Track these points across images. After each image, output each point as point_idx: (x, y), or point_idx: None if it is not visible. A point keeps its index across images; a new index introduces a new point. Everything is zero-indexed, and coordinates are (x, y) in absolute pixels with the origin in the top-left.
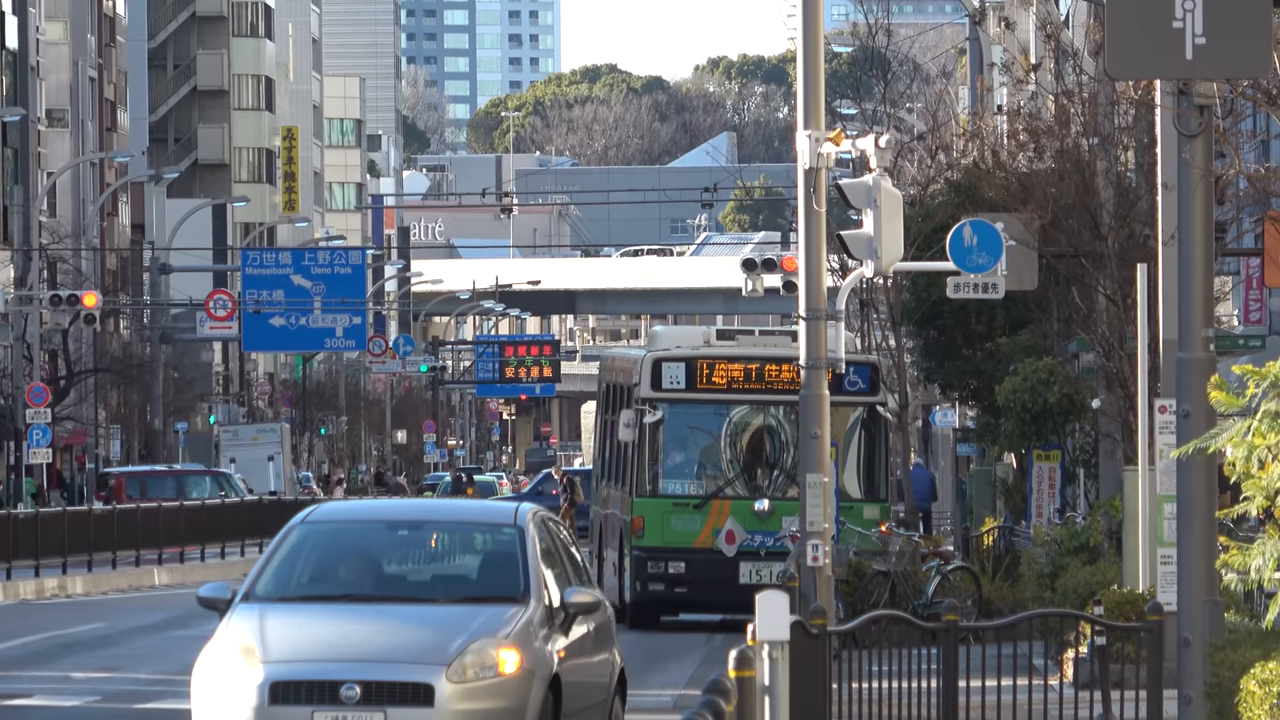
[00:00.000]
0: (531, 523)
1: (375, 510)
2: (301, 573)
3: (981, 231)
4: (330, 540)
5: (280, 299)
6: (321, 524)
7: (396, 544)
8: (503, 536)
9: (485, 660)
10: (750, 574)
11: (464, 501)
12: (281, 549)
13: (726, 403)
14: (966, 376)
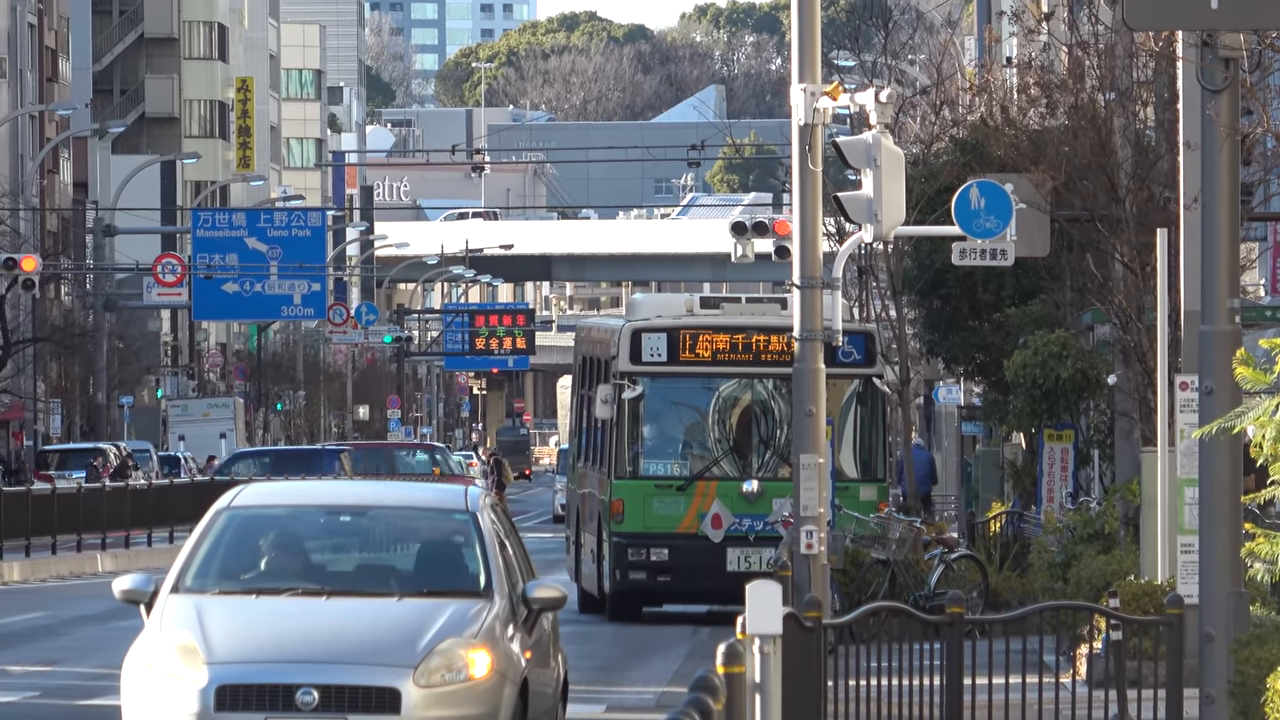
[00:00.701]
0: (484, 508)
1: (310, 494)
2: (236, 563)
3: (989, 193)
4: (264, 527)
5: (233, 263)
6: (251, 510)
7: (339, 532)
8: (455, 524)
9: (454, 662)
10: (739, 561)
11: (407, 484)
12: (209, 536)
13: (712, 376)
14: (972, 350)
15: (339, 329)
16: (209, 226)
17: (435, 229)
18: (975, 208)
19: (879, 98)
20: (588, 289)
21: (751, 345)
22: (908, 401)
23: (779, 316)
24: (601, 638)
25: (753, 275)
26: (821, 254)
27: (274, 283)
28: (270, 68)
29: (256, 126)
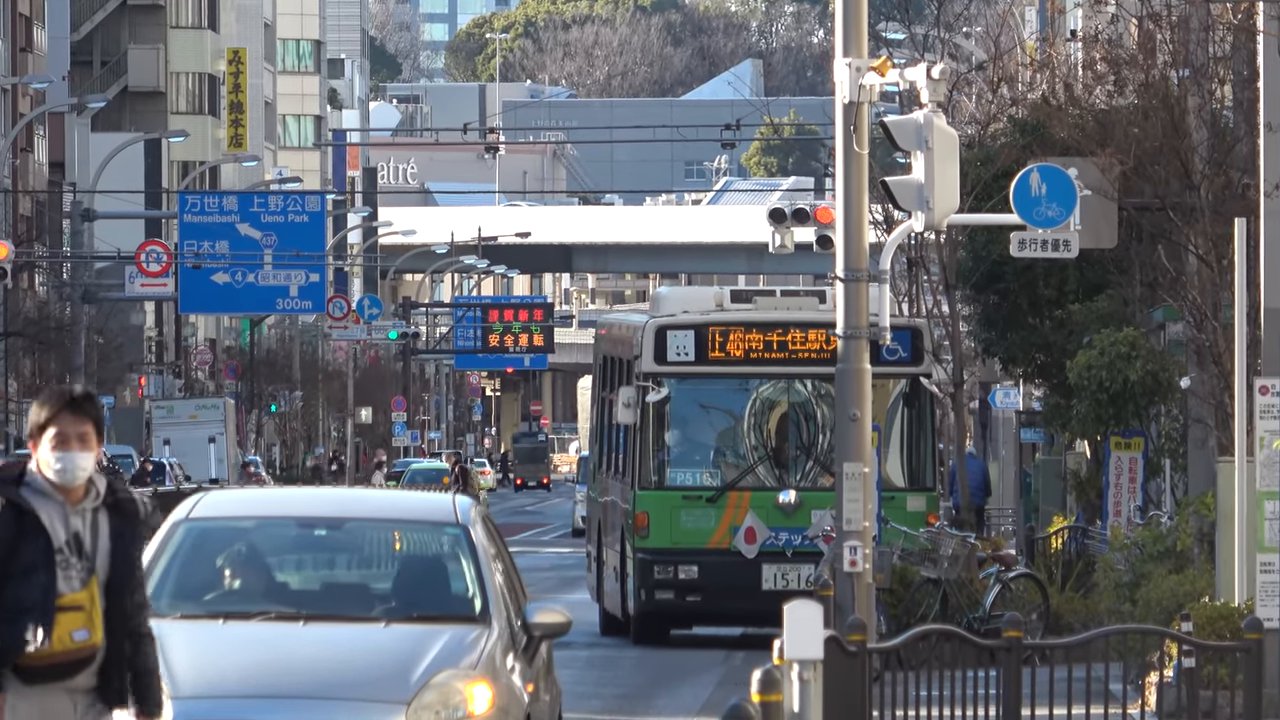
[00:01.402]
0: (476, 520)
1: (278, 503)
2: (197, 582)
3: (1051, 179)
4: (228, 542)
5: (224, 252)
6: (213, 522)
7: (314, 547)
8: (445, 538)
9: (451, 697)
10: (775, 579)
11: (388, 493)
12: (165, 552)
13: (744, 376)
14: (1032, 349)
15: (339, 324)
16: (197, 211)
17: (445, 215)
18: (1036, 194)
19: (931, 74)
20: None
21: (788, 343)
22: (961, 406)
23: (818, 311)
24: (625, 663)
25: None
26: (867, 244)
27: (268, 273)
28: (265, 38)
29: (249, 102)
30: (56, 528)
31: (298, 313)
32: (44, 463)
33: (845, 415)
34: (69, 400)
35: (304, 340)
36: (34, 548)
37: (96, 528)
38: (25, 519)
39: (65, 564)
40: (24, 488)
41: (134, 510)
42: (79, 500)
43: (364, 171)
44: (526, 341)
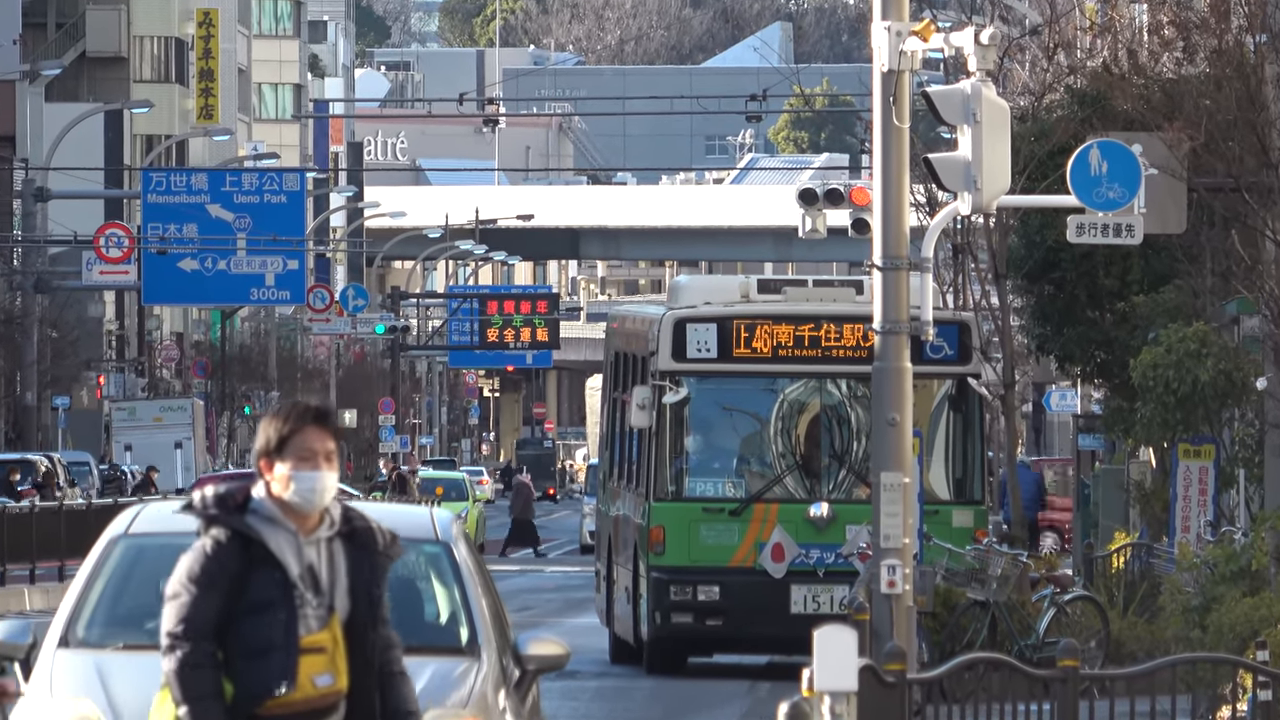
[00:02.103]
0: (459, 537)
1: None
2: (140, 607)
3: (1113, 156)
4: (173, 560)
5: (193, 235)
6: (155, 538)
7: None
8: (423, 558)
9: None
10: (805, 602)
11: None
12: (103, 573)
13: (772, 375)
14: (1091, 347)
15: (320, 316)
16: (163, 190)
17: (438, 195)
18: (1096, 173)
19: (979, 39)
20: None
21: (820, 338)
22: (1012, 409)
23: (854, 303)
24: (638, 694)
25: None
26: (908, 229)
27: (242, 259)
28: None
29: (221, 69)
30: (289, 560)
31: (274, 304)
32: (282, 484)
33: (883, 419)
34: (313, 414)
35: (281, 335)
36: (268, 581)
37: (333, 560)
38: (253, 549)
39: (300, 600)
40: (250, 515)
41: (372, 540)
42: (312, 529)
43: (348, 147)
44: (529, 336)
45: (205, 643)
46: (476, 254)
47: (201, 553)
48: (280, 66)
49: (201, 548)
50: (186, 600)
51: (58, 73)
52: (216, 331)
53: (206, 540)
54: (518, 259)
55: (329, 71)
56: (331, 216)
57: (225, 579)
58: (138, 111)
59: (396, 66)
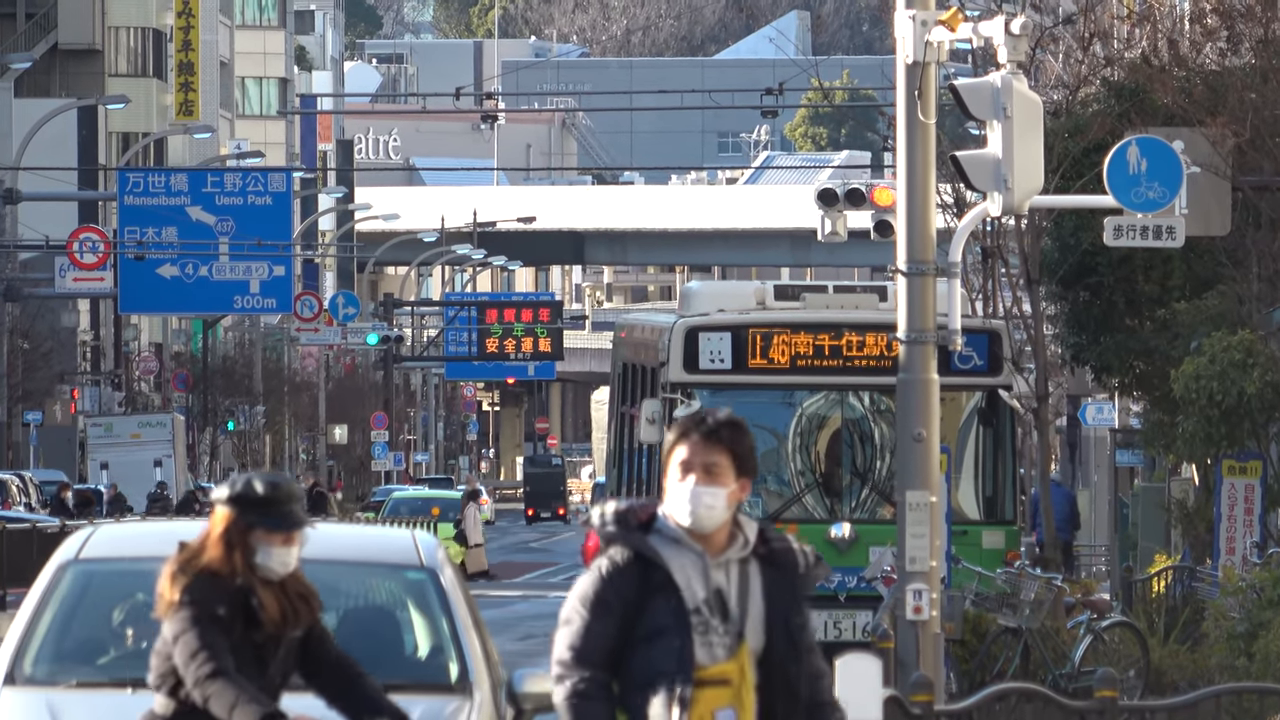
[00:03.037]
0: (444, 564)
1: None
2: (96, 641)
3: (1153, 153)
4: (129, 589)
5: (172, 240)
6: (108, 564)
7: None
8: (408, 585)
9: None
10: (826, 628)
11: (335, 529)
12: (53, 602)
13: (789, 388)
14: (1130, 356)
15: (309, 326)
16: (140, 192)
17: (434, 196)
18: (1134, 172)
19: (1010, 28)
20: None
21: (841, 348)
22: (1046, 423)
23: (877, 310)
24: None
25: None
26: (934, 231)
27: (224, 265)
28: None
29: (202, 62)
30: (693, 584)
31: (259, 312)
32: (672, 501)
33: (908, 434)
34: (699, 423)
35: (267, 345)
36: (665, 608)
37: (745, 584)
38: (654, 573)
39: (704, 627)
40: (653, 535)
41: (793, 562)
42: (721, 550)
43: (338, 145)
44: (530, 347)
45: (597, 672)
46: (474, 259)
47: (597, 574)
48: (265, 59)
49: (598, 569)
50: (578, 626)
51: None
52: (198, 342)
53: (603, 561)
54: (518, 264)
55: (317, 64)
56: (320, 219)
57: (620, 604)
58: (113, 107)
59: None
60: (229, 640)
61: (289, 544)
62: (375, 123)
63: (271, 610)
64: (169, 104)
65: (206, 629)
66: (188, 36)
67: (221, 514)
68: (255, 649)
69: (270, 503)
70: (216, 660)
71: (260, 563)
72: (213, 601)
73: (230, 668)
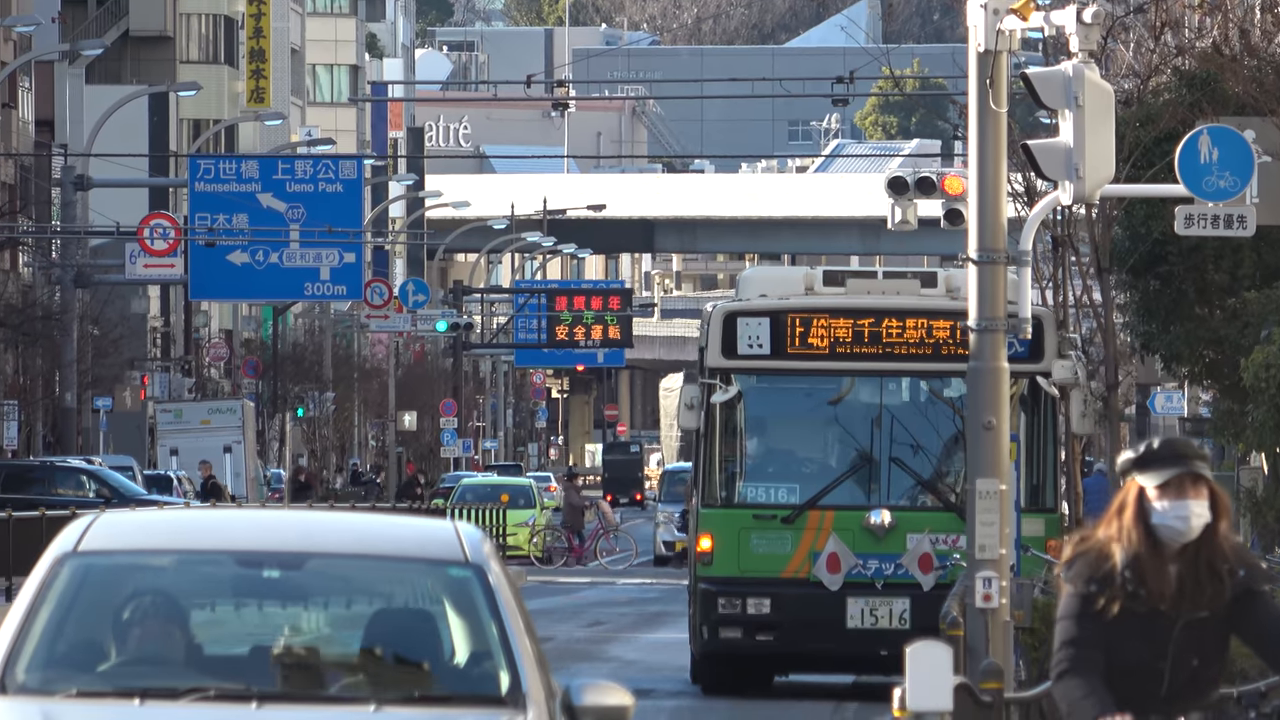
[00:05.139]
0: (491, 558)
1: (209, 531)
2: (97, 644)
3: (1225, 142)
4: (137, 586)
5: (243, 226)
6: (113, 558)
7: (263, 594)
8: (451, 584)
9: None
10: (862, 616)
11: (373, 520)
12: (49, 600)
13: (829, 374)
14: (1200, 345)
15: (379, 313)
16: (211, 179)
17: (504, 184)
18: (1205, 161)
19: (1082, 17)
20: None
21: (881, 334)
22: (1115, 412)
23: (920, 296)
24: (716, 715)
25: (915, 247)
26: (1005, 220)
27: (295, 252)
28: None
29: (273, 50)
30: None
31: (329, 299)
32: None
33: (978, 423)
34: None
35: (337, 332)
36: None
37: None
38: None
39: None
40: None
41: None
42: None
43: (408, 132)
44: (600, 334)
45: None
46: (544, 246)
47: None
48: (336, 46)
49: None
50: None
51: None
52: (268, 329)
53: None
54: (588, 252)
55: (388, 52)
56: (390, 206)
57: None
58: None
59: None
60: (1102, 623)
61: (1181, 497)
62: (446, 110)
63: (1157, 583)
64: (240, 91)
65: (1075, 620)
66: (259, 23)
67: (1124, 484)
68: (1142, 626)
69: (1159, 459)
70: (1070, 660)
71: (1157, 524)
72: (1086, 578)
73: (1088, 665)
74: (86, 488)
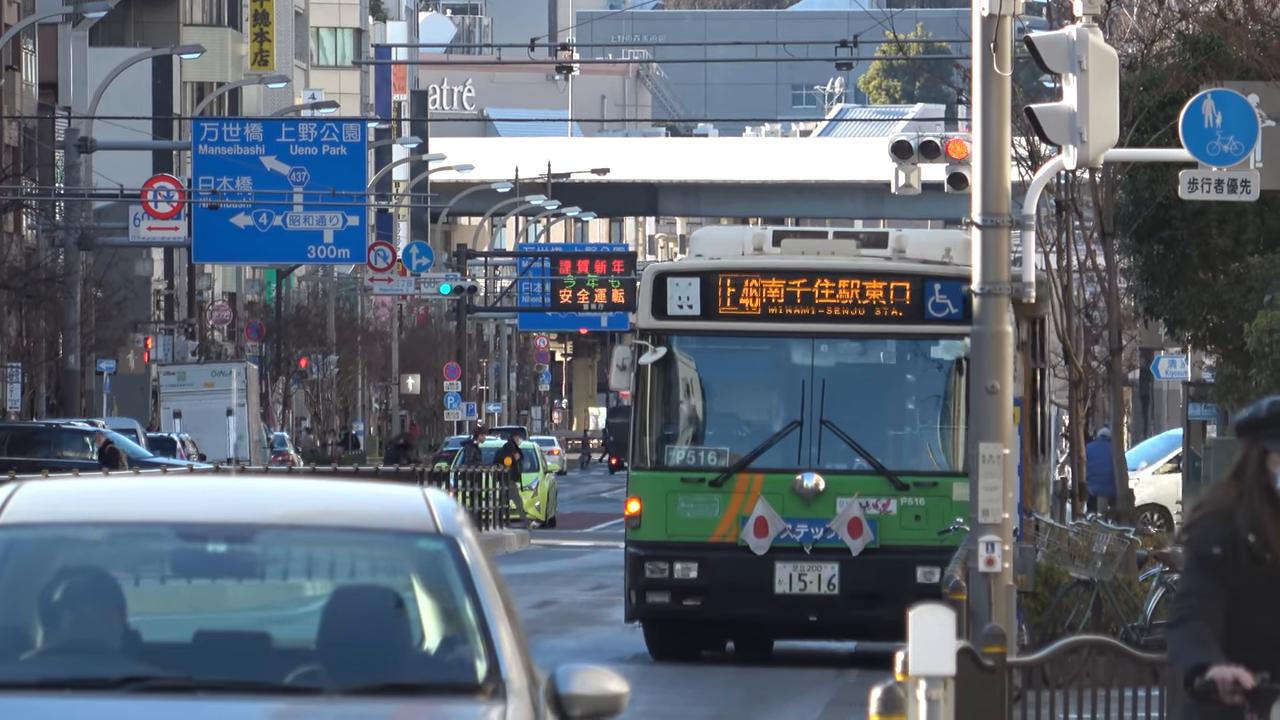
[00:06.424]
0: (464, 527)
1: (145, 500)
2: (19, 630)
3: (1228, 107)
4: (64, 563)
5: (246, 189)
6: (37, 530)
7: (207, 570)
8: (421, 559)
9: None
10: (791, 580)
11: (327, 485)
12: None
13: (759, 335)
14: (1203, 310)
15: (382, 276)
16: (214, 141)
17: (508, 147)
18: (1209, 125)
19: None
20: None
21: (813, 295)
22: (1119, 377)
23: (854, 257)
24: (718, 680)
25: (918, 210)
26: (1009, 184)
27: (298, 215)
28: None
29: (277, 12)
30: None
31: (333, 262)
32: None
33: (981, 386)
34: None
35: (340, 295)
36: None
37: None
38: None
39: None
40: None
41: None
42: None
43: (412, 95)
44: (604, 298)
45: None
46: (548, 210)
47: None
48: (339, 9)
49: None
50: None
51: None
52: (271, 291)
53: None
54: (592, 215)
55: (391, 15)
56: (394, 169)
57: None
58: (188, 57)
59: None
60: (1224, 583)
61: None
62: (450, 73)
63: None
64: (244, 54)
65: (1196, 574)
66: None
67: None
68: (1265, 589)
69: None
70: (1186, 609)
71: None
72: (1209, 542)
73: (1203, 614)
74: (90, 450)
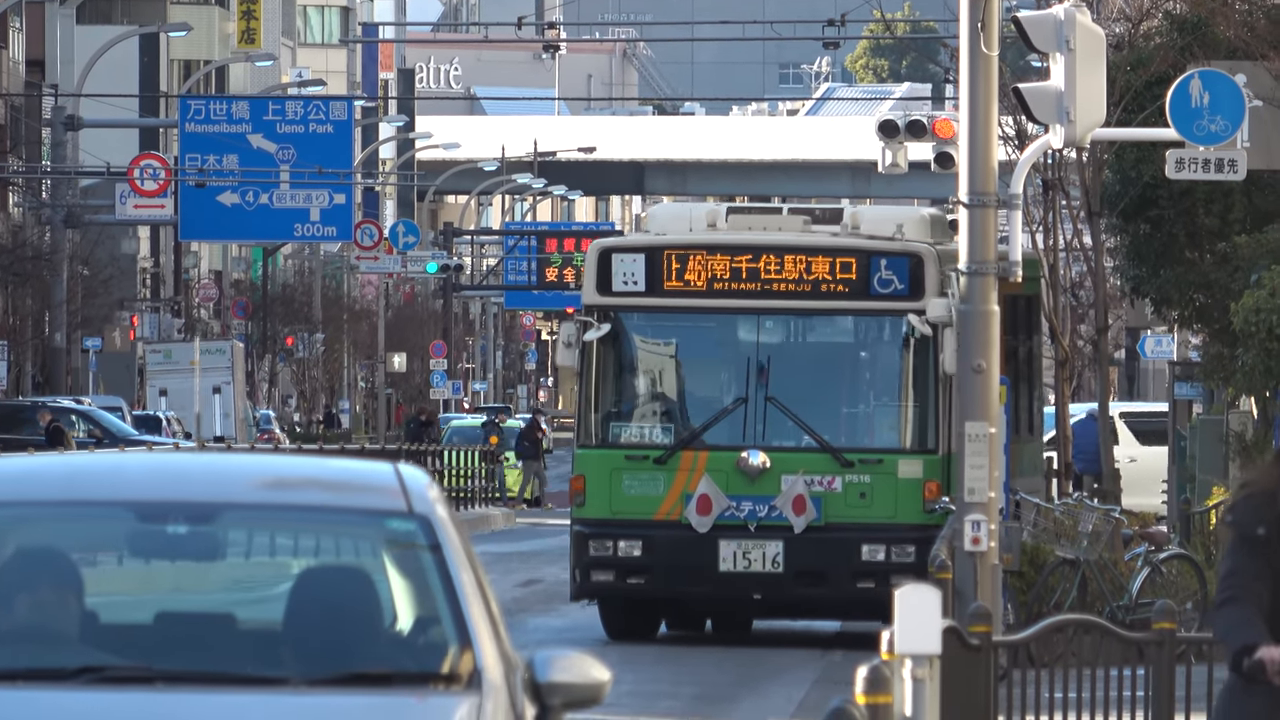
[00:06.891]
0: (438, 504)
1: (100, 479)
2: None
3: (1215, 86)
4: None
5: (233, 167)
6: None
7: (166, 551)
8: (390, 538)
9: None
10: (735, 558)
11: (290, 460)
12: None
13: (704, 311)
14: (1190, 289)
15: (368, 254)
16: (201, 119)
17: (494, 125)
18: (1197, 105)
19: None
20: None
21: (759, 271)
22: (1105, 356)
23: (801, 233)
24: (704, 660)
25: (905, 190)
26: (996, 164)
27: (285, 193)
28: None
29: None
30: None
31: (319, 240)
32: None
33: (967, 365)
34: None
35: (327, 273)
36: None
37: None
38: None
39: None
40: None
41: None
42: None
43: (399, 74)
44: None
45: None
46: (535, 188)
47: None
48: None
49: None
50: None
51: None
52: (258, 270)
53: None
54: (578, 194)
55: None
56: (381, 148)
57: None
58: (175, 35)
59: None
60: (1269, 564)
61: None
62: (437, 52)
63: None
64: (231, 32)
65: (1241, 555)
66: None
67: None
68: None
69: None
70: (1232, 589)
71: None
72: (1253, 523)
73: (1248, 595)
74: (77, 428)
